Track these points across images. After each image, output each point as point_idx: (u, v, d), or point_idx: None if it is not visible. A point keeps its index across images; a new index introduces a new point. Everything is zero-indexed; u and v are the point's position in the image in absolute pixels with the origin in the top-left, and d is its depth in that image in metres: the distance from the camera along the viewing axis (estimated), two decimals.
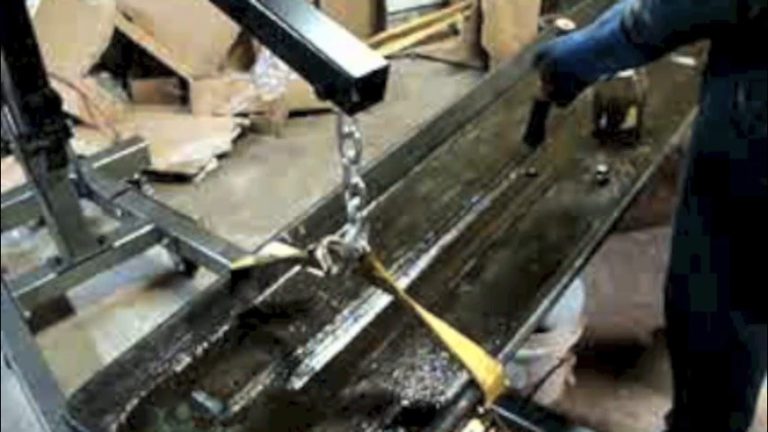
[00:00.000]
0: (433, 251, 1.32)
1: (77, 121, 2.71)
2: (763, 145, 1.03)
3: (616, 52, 1.09)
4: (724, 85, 1.07)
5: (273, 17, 0.82)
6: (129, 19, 3.00)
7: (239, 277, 1.19)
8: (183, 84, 3.08)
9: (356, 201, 0.92)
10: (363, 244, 0.95)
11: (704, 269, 1.29)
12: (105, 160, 2.49)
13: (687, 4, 0.96)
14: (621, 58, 1.12)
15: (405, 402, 1.02)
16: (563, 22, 1.27)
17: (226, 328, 1.14)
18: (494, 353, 1.04)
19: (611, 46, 1.08)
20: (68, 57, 2.79)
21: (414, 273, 1.28)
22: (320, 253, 0.99)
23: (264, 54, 3.09)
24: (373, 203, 1.43)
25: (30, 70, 1.75)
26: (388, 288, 1.02)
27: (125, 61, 3.12)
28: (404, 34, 3.60)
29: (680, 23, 0.99)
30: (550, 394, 1.80)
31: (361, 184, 0.91)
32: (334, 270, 0.99)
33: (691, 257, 1.32)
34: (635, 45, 1.04)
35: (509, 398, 1.50)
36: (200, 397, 1.03)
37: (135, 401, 1.02)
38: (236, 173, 2.82)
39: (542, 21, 3.32)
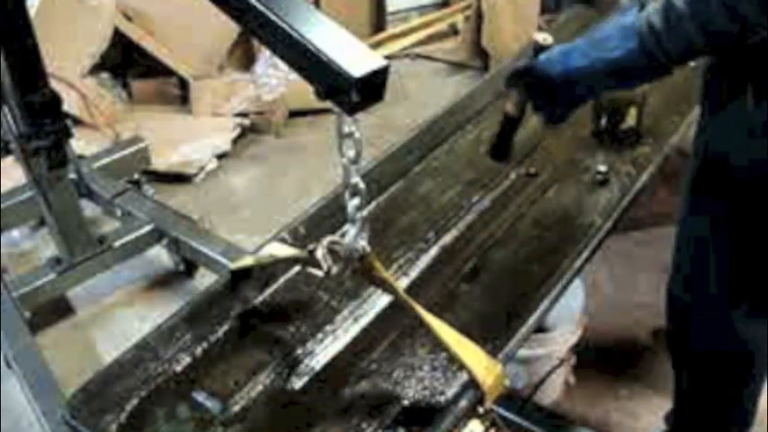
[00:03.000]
0: (433, 251, 1.32)
1: (77, 121, 2.71)
2: None
3: (632, 73, 1.03)
4: (732, 85, 1.06)
5: (273, 17, 0.82)
6: (129, 19, 3.00)
7: (239, 277, 1.19)
8: (183, 84, 3.08)
9: (356, 201, 0.92)
10: (363, 244, 0.95)
11: (707, 270, 1.29)
12: (105, 160, 2.49)
13: (720, 19, 0.89)
14: (636, 77, 1.06)
15: (405, 402, 1.02)
16: (542, 37, 1.17)
17: (226, 328, 1.14)
18: (494, 353, 1.04)
19: (627, 67, 1.02)
20: (68, 57, 2.79)
21: (414, 273, 1.28)
22: (320, 253, 0.99)
23: (264, 54, 3.09)
24: (373, 203, 1.43)
25: (30, 70, 1.75)
26: (388, 288, 1.02)
27: (125, 61, 3.12)
28: (404, 34, 3.60)
29: (709, 38, 0.93)
30: (550, 394, 1.80)
31: (361, 184, 0.91)
32: (334, 270, 0.99)
33: (694, 258, 1.32)
34: (655, 64, 0.99)
35: (509, 398, 1.50)
36: (200, 397, 1.03)
37: (135, 401, 1.02)
38: (236, 173, 2.82)
39: (542, 21, 3.32)
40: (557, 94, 1.13)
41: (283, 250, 1.17)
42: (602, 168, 1.49)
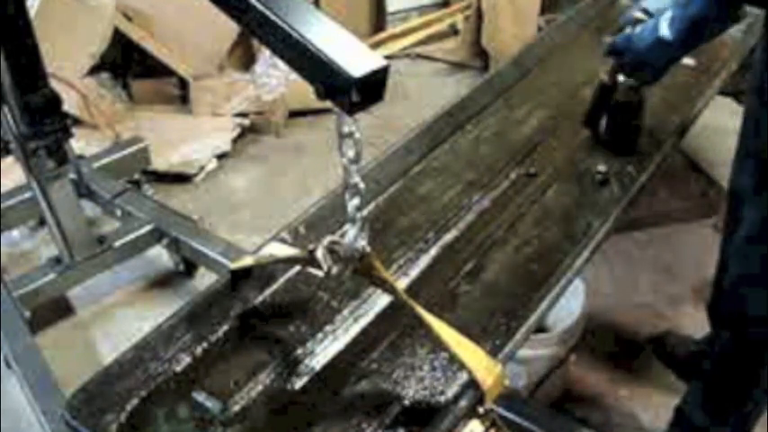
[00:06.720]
0: (433, 251, 1.32)
1: (77, 121, 2.71)
2: None
3: (707, 23, 1.27)
4: None
5: (273, 17, 0.82)
6: (129, 19, 3.00)
7: (239, 277, 1.19)
8: (183, 84, 3.08)
9: (356, 201, 0.92)
10: (363, 244, 0.95)
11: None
12: (105, 160, 2.49)
13: None
14: (711, 27, 1.28)
15: (405, 402, 1.02)
16: (639, 14, 1.40)
17: (226, 328, 1.14)
18: (494, 353, 1.04)
19: (704, 18, 1.25)
20: (68, 57, 2.79)
21: (414, 273, 1.28)
22: (320, 253, 0.99)
23: (264, 54, 3.09)
24: (373, 203, 1.44)
25: (30, 70, 1.74)
26: (388, 288, 1.02)
27: (125, 61, 3.11)
28: (404, 34, 3.60)
29: None
30: (550, 394, 1.80)
31: (361, 184, 0.91)
32: (334, 270, 0.99)
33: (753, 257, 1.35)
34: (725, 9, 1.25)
35: (509, 398, 1.50)
36: (200, 397, 1.03)
37: (135, 401, 1.02)
38: (236, 173, 2.82)
39: (542, 20, 3.32)
40: (655, 57, 1.34)
41: (283, 250, 1.17)
42: (602, 168, 1.49)
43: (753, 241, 1.35)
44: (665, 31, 1.30)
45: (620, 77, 1.48)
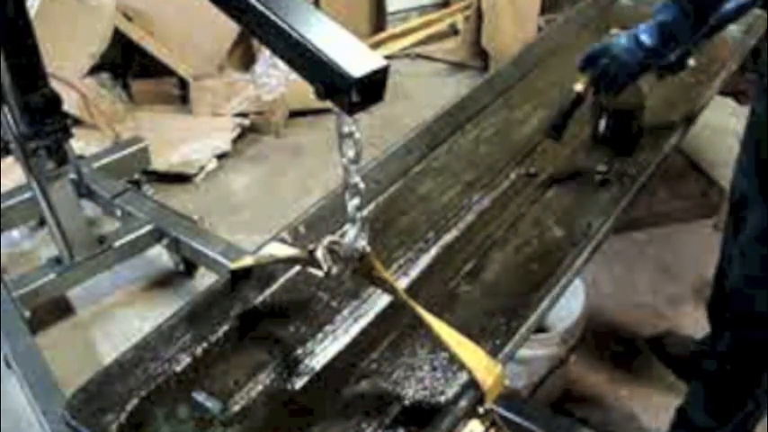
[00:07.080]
0: (433, 251, 1.32)
1: (77, 121, 2.71)
2: None
3: (679, 30, 1.32)
4: None
5: (273, 17, 0.82)
6: (130, 19, 2.99)
7: (239, 277, 1.19)
8: (183, 84, 3.08)
9: (356, 201, 0.92)
10: (363, 244, 0.95)
11: None
12: (105, 160, 2.49)
13: None
14: (682, 35, 1.33)
15: (405, 402, 1.02)
16: (615, 31, 1.47)
17: (226, 328, 1.14)
18: (494, 353, 1.04)
19: (675, 26, 1.31)
20: (68, 57, 2.79)
21: (414, 273, 1.28)
22: (320, 253, 0.99)
23: (264, 54, 3.09)
24: (373, 203, 1.44)
25: (30, 70, 1.74)
26: (388, 288, 1.02)
27: (125, 61, 3.11)
28: (404, 34, 3.60)
29: None
30: (550, 394, 1.80)
31: (361, 184, 0.91)
32: (334, 270, 0.99)
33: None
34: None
35: (509, 398, 1.50)
36: (200, 397, 1.03)
37: (135, 401, 1.02)
38: (236, 173, 2.82)
39: (542, 21, 3.32)
40: (631, 59, 1.37)
41: (283, 250, 1.17)
42: (602, 168, 1.49)
43: (758, 242, 1.35)
44: (642, 35, 1.34)
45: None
